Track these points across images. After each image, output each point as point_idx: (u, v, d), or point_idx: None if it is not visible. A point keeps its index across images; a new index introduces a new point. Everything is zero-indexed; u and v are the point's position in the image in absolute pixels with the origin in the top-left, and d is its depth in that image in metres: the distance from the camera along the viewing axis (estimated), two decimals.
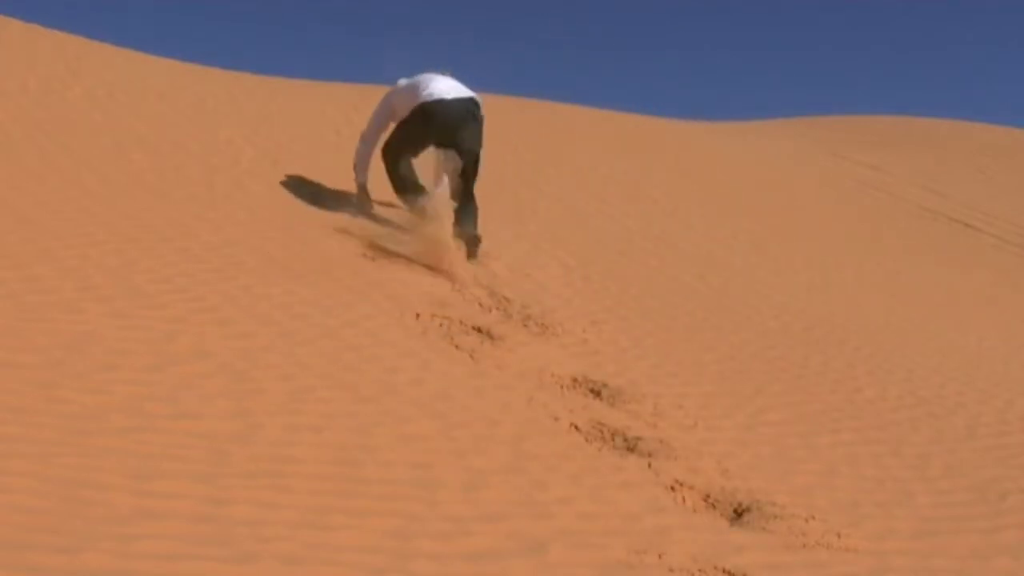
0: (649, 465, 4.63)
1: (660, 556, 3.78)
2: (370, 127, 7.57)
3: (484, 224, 7.17)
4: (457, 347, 5.47)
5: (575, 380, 5.43)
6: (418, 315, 5.73)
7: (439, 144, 7.17)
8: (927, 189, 14.99)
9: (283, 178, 7.89)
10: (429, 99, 7.19)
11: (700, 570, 3.76)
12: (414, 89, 7.34)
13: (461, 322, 5.78)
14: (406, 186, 7.19)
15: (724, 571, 3.80)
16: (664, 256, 8.55)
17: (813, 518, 4.45)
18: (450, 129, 7.15)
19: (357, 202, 7.45)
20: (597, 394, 5.33)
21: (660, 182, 10.96)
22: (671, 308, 7.25)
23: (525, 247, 7.67)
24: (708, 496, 4.46)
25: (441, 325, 5.67)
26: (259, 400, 4.32)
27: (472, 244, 6.99)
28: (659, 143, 13.13)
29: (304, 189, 7.75)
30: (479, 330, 5.74)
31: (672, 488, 4.43)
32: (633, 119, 15.08)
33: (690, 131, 15.71)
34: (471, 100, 7.28)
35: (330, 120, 10.23)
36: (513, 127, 11.73)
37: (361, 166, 7.52)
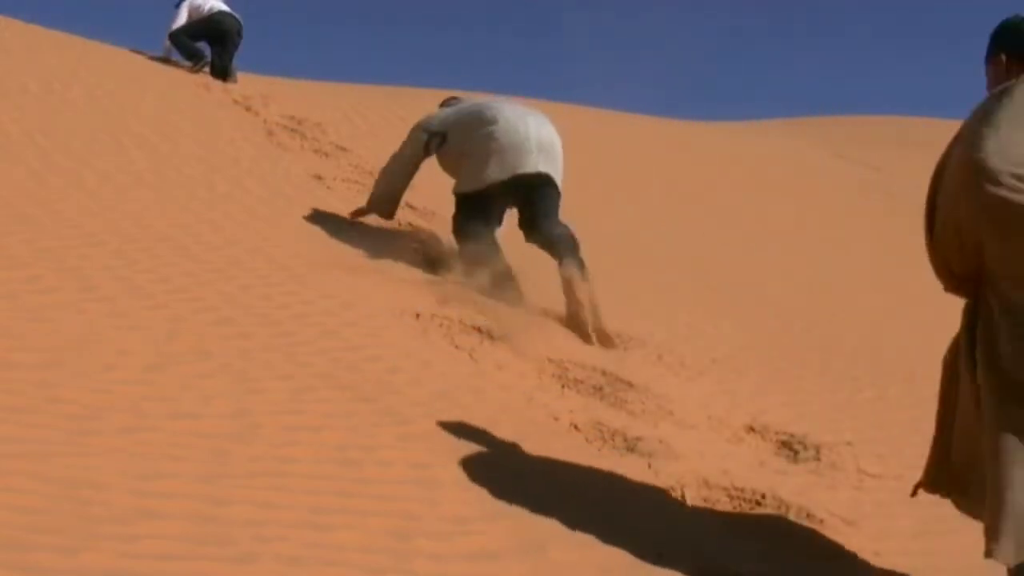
0: (649, 465, 4.62)
1: (660, 556, 3.78)
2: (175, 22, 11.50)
3: None
4: (457, 347, 5.46)
5: (575, 380, 5.42)
6: (418, 315, 5.73)
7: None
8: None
9: (283, 178, 7.89)
10: (213, 11, 11.39)
11: (700, 569, 3.76)
12: (199, 9, 11.40)
13: (461, 322, 5.78)
14: (191, 53, 11.29)
15: (724, 570, 3.80)
16: (665, 256, 8.55)
17: (813, 517, 4.45)
18: (226, 31, 11.34)
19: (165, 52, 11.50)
20: (597, 394, 5.32)
21: (661, 182, 10.96)
22: (672, 308, 7.25)
23: (525, 247, 7.65)
24: (708, 496, 4.46)
25: (441, 325, 5.67)
26: (259, 400, 4.31)
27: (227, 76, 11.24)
28: (659, 143, 13.13)
29: (305, 189, 7.75)
30: (479, 330, 5.74)
31: (672, 488, 4.43)
32: (632, 119, 15.09)
33: (689, 131, 15.70)
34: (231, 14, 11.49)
35: (330, 119, 10.24)
36: None
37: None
